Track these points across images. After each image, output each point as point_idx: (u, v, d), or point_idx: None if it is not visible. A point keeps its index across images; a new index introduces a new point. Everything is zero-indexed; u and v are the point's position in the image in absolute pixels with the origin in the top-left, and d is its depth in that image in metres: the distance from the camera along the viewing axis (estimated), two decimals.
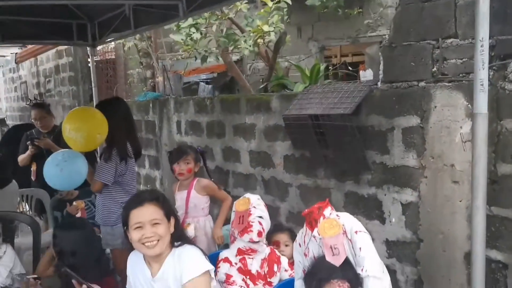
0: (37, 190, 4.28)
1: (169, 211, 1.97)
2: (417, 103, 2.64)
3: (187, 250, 1.93)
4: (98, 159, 3.44)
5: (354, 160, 3.00)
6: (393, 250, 2.90)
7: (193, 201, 3.12)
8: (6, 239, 2.86)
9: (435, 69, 2.56)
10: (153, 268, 1.93)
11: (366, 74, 4.31)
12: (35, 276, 2.74)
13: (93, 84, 5.24)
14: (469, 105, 2.38)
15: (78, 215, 3.59)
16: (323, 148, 3.20)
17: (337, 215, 1.77)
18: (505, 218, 2.35)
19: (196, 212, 3.13)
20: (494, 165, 2.33)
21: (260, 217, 2.25)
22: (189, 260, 1.88)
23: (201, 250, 1.98)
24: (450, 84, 2.49)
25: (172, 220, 1.95)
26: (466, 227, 2.50)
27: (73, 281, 1.88)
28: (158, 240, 1.87)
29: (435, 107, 2.56)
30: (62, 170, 2.82)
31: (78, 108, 3.25)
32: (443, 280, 2.63)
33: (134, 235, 1.87)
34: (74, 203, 3.66)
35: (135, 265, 1.99)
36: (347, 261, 1.69)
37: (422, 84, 2.64)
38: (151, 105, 5.87)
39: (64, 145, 3.15)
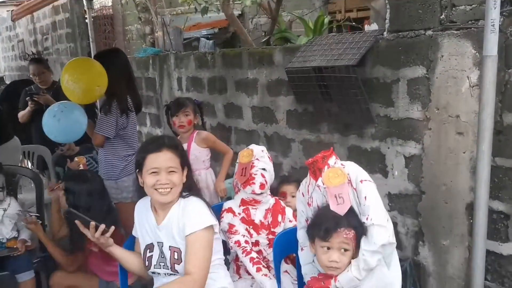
0: (38, 146, 4.28)
1: (184, 160, 1.96)
2: (424, 53, 2.57)
3: (193, 202, 1.92)
4: (98, 113, 3.42)
5: (358, 113, 2.96)
6: (395, 203, 2.91)
7: (194, 153, 3.10)
8: (9, 192, 2.88)
9: (443, 16, 2.48)
10: (159, 216, 1.94)
11: (371, 29, 4.19)
12: (37, 214, 2.79)
13: (90, 39, 5.15)
14: (477, 54, 2.31)
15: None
16: (327, 102, 3.15)
17: (342, 164, 1.75)
18: (509, 169, 2.33)
19: (197, 164, 3.11)
20: (500, 115, 2.29)
21: (263, 169, 2.24)
22: (193, 213, 1.88)
23: (207, 203, 1.97)
24: (458, 32, 2.41)
25: (185, 170, 1.94)
26: (469, 179, 2.49)
27: (77, 221, 1.86)
28: (171, 188, 1.87)
29: (442, 56, 2.49)
30: (59, 121, 2.80)
31: (77, 59, 3.18)
32: (443, 230, 2.65)
33: (149, 180, 1.86)
34: (76, 159, 3.67)
35: (141, 212, 2.00)
36: (351, 210, 1.69)
37: (429, 32, 2.56)
38: (150, 61, 5.77)
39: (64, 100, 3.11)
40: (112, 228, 1.92)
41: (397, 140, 2.83)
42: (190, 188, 1.97)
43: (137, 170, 1.94)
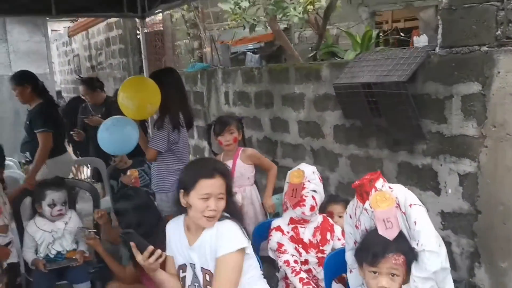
0: (94, 159, 4.48)
1: (231, 187, 1.98)
2: (479, 69, 2.50)
3: (227, 225, 1.92)
4: (148, 129, 3.51)
5: (408, 129, 2.91)
6: (448, 222, 2.83)
7: (239, 170, 3.13)
8: (70, 206, 3.03)
9: (499, 32, 2.41)
10: (192, 236, 1.95)
11: (421, 40, 4.10)
12: (95, 230, 2.91)
13: (143, 55, 5.35)
14: None
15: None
16: (376, 117, 3.11)
17: (390, 187, 1.70)
18: None
19: (242, 181, 3.14)
20: None
21: (314, 191, 2.23)
22: (226, 235, 1.88)
23: (240, 226, 1.95)
24: None
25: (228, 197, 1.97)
26: None
27: (132, 243, 1.85)
28: (217, 216, 1.90)
29: (499, 72, 2.41)
30: (112, 134, 2.92)
31: (133, 77, 3.31)
32: (501, 252, 2.54)
33: (199, 204, 1.86)
34: (128, 172, 3.81)
35: (174, 231, 2.01)
36: (401, 235, 1.63)
37: (484, 48, 2.49)
38: (199, 76, 5.92)
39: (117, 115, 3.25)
40: (164, 254, 1.92)
41: (451, 157, 2.75)
42: (230, 213, 1.98)
43: (183, 189, 1.93)
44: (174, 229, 2.02)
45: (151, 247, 1.83)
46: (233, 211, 2.00)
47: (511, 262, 2.50)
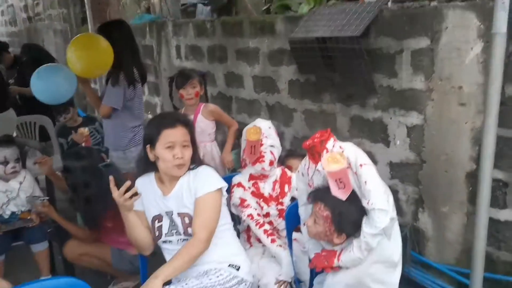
0: (40, 116, 4.29)
1: (194, 136, 2.03)
2: (428, 24, 2.59)
3: (204, 169, 2.03)
4: None
5: (361, 84, 3.00)
6: (396, 171, 3.00)
7: (200, 125, 3.14)
8: (23, 165, 2.92)
9: None
10: (165, 188, 2.00)
11: None
12: (47, 197, 2.85)
13: (86, 6, 5.05)
14: (481, 26, 2.35)
15: (84, 144, 3.64)
16: (330, 72, 3.18)
17: (341, 147, 1.72)
18: (509, 139, 2.41)
19: (202, 137, 3.16)
20: (502, 87, 2.34)
21: (272, 146, 2.27)
22: (204, 177, 1.97)
23: (215, 168, 2.07)
24: (463, 3, 2.43)
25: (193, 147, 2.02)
26: (469, 149, 2.57)
27: (111, 177, 1.86)
28: (186, 163, 1.95)
29: (447, 28, 2.52)
30: (40, 78, 2.83)
31: (84, 35, 3.12)
32: (443, 198, 2.75)
33: (165, 154, 1.92)
34: (79, 130, 3.69)
35: (145, 185, 2.04)
36: (353, 194, 1.70)
37: (434, 3, 2.57)
38: (147, 28, 5.70)
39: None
40: (141, 194, 1.95)
41: (400, 111, 2.88)
42: (198, 163, 2.04)
43: (148, 144, 1.97)
44: (145, 184, 2.05)
45: (128, 182, 1.85)
46: (198, 161, 2.05)
47: (452, 206, 2.72)
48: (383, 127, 3.01)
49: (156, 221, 2.01)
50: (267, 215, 2.27)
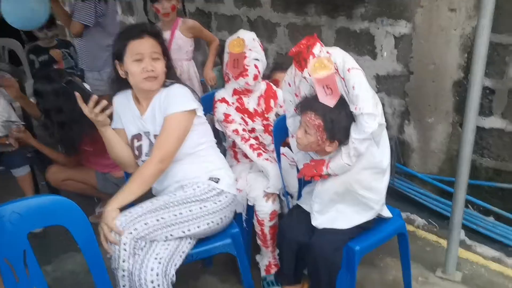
0: (9, 40, 4.04)
1: (165, 49, 1.89)
2: None
3: (176, 88, 1.89)
4: None
5: None
6: (382, 84, 2.96)
7: (177, 42, 2.96)
8: None
9: None
10: (142, 107, 1.90)
11: None
12: (23, 123, 2.74)
13: None
14: None
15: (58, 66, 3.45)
16: None
17: (328, 52, 1.64)
18: (499, 44, 2.36)
19: (179, 54, 2.98)
20: None
21: (256, 59, 2.15)
22: (175, 96, 1.84)
23: (191, 89, 1.94)
24: None
25: (166, 60, 1.88)
26: (458, 56, 2.52)
27: (76, 93, 1.74)
28: (157, 76, 1.83)
29: None
30: (13, 5, 2.60)
31: None
32: (429, 109, 2.74)
33: (134, 68, 1.79)
34: (51, 51, 3.49)
35: (123, 103, 1.94)
36: (341, 100, 1.65)
37: None
38: None
39: None
40: (112, 107, 1.86)
41: (388, 20, 2.77)
42: (172, 78, 1.93)
43: (117, 59, 1.83)
44: (123, 102, 1.94)
45: (95, 96, 1.73)
46: (173, 76, 1.93)
47: (437, 117, 2.72)
48: (370, 39, 2.91)
49: (136, 140, 1.92)
50: (252, 130, 2.21)
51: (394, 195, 2.95)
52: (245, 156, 2.24)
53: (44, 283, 1.47)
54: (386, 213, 1.85)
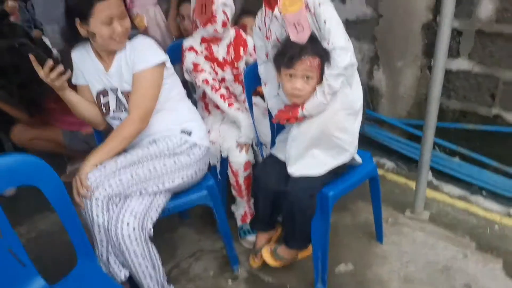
0: None
1: (126, 2, 1.79)
2: None
3: (141, 40, 1.81)
4: None
5: None
6: (352, 29, 2.91)
7: None
8: None
9: None
10: (105, 63, 1.82)
11: None
12: None
13: None
14: None
15: (12, 19, 3.24)
16: None
17: None
18: None
19: (144, 0, 2.86)
20: None
21: (224, 4, 2.07)
22: (142, 50, 1.77)
23: (155, 40, 1.86)
24: None
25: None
26: None
27: (30, 55, 1.65)
28: (125, 35, 1.74)
29: None
30: None
31: None
32: (398, 53, 2.75)
33: (104, 31, 1.69)
34: (5, 4, 3.27)
35: (83, 58, 1.85)
36: (313, 37, 1.64)
37: None
38: None
39: None
40: (69, 71, 1.78)
41: None
42: (133, 28, 1.84)
43: (78, 18, 1.69)
44: (83, 57, 1.84)
45: (50, 61, 1.63)
46: (132, 28, 1.84)
47: (406, 61, 2.73)
48: None
49: (101, 96, 1.85)
50: (222, 80, 2.16)
51: (364, 141, 2.96)
52: (217, 107, 2.21)
53: (18, 242, 1.44)
54: (358, 159, 1.88)
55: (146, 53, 1.77)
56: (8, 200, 2.53)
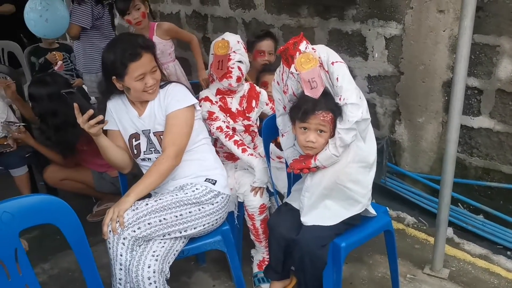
0: (8, 42, 4.09)
1: (156, 56, 1.97)
2: None
3: (173, 86, 1.99)
4: None
5: None
6: (374, 85, 3.00)
7: (159, 47, 2.92)
8: None
9: None
10: (139, 109, 1.98)
11: None
12: (23, 124, 2.79)
13: None
14: None
15: (57, 67, 3.50)
16: None
17: (313, 48, 1.73)
18: (486, 45, 2.40)
19: (164, 58, 2.99)
20: None
21: (240, 61, 2.20)
22: (174, 94, 1.94)
23: (186, 86, 2.03)
24: None
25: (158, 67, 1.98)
26: (447, 57, 2.56)
27: (75, 104, 1.81)
28: (157, 86, 1.93)
29: None
30: (47, 21, 2.66)
31: None
32: (419, 109, 2.78)
33: (137, 86, 1.87)
34: (48, 55, 3.55)
35: (119, 106, 2.01)
36: (327, 93, 1.72)
37: None
38: None
39: None
40: (107, 121, 1.94)
41: (379, 21, 2.82)
42: (163, 79, 2.01)
43: (113, 76, 1.89)
44: (119, 106, 2.01)
45: (91, 111, 1.80)
46: (167, 79, 2.01)
47: (427, 116, 2.76)
48: (361, 40, 2.96)
49: (133, 139, 2.00)
50: (233, 130, 2.25)
51: (385, 194, 3.00)
52: (226, 158, 2.30)
53: (35, 281, 1.51)
54: (372, 210, 1.90)
55: (178, 96, 1.94)
56: (35, 237, 2.63)
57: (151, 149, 1.98)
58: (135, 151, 1.99)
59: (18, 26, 2.79)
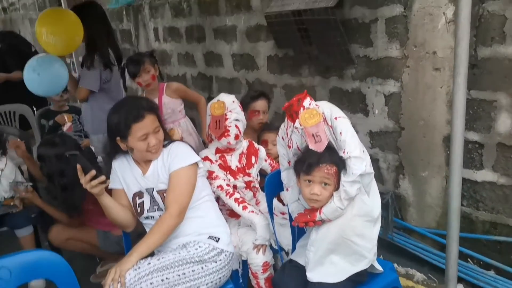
0: (19, 105, 4.24)
1: (160, 117, 2.04)
2: None
3: (176, 145, 2.04)
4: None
5: (338, 55, 3.02)
6: (376, 140, 3.04)
7: (169, 106, 3.06)
8: (3, 152, 2.89)
9: None
10: (142, 168, 2.03)
11: None
12: (31, 183, 2.84)
13: None
14: None
15: (66, 128, 3.60)
16: (307, 45, 3.18)
17: (317, 104, 1.79)
18: (483, 101, 2.46)
19: (175, 116, 3.12)
20: (474, 49, 2.38)
21: (237, 120, 2.27)
22: (177, 153, 1.99)
23: (189, 144, 2.08)
24: None
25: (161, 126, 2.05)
26: (445, 112, 2.61)
27: (78, 166, 1.84)
28: (160, 147, 1.98)
29: None
30: (39, 75, 2.77)
31: (48, 10, 3.01)
32: (422, 163, 2.80)
33: (140, 146, 1.93)
34: (56, 117, 3.66)
35: (123, 165, 2.06)
36: (331, 148, 1.76)
37: None
38: (124, 12, 5.62)
39: None
40: (109, 181, 1.98)
41: (377, 79, 2.91)
42: (167, 139, 2.08)
43: (117, 137, 1.96)
44: (123, 165, 2.05)
45: (93, 171, 1.83)
46: (167, 137, 2.06)
47: (431, 171, 2.78)
48: (361, 97, 3.04)
49: (137, 198, 2.02)
50: (234, 187, 2.27)
51: (393, 250, 2.95)
52: (229, 215, 2.31)
53: None
54: (378, 266, 1.87)
55: (181, 155, 1.98)
56: None
57: (154, 207, 2.00)
58: (139, 209, 2.01)
59: (28, 91, 2.90)
